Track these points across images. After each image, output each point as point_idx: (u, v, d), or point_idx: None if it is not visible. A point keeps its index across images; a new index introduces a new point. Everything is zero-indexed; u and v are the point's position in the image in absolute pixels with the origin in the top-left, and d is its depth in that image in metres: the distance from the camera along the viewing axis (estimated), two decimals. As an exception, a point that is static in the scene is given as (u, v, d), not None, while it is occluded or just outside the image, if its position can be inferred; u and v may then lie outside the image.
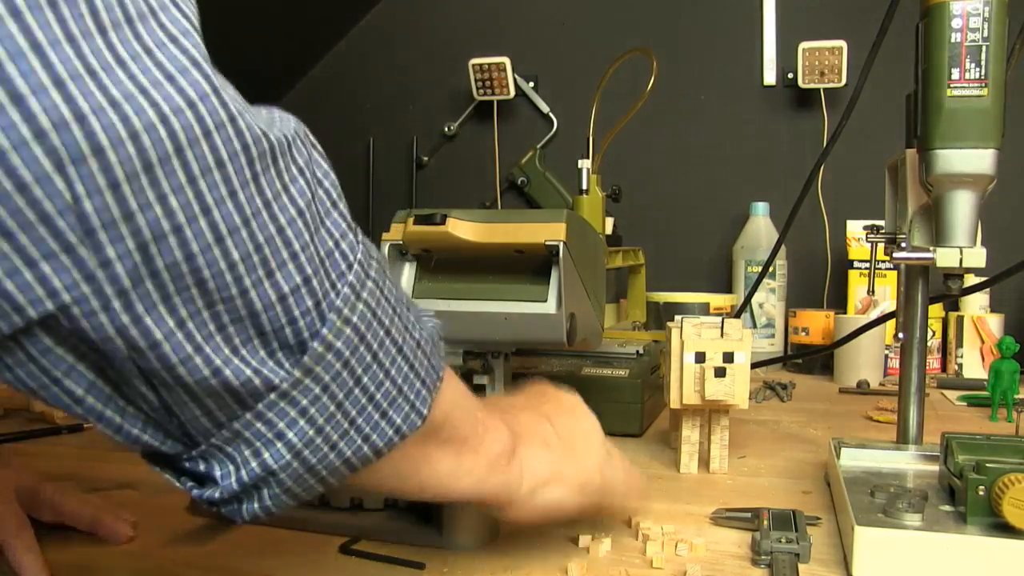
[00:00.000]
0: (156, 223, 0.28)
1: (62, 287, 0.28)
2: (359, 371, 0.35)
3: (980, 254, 0.66)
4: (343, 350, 0.35)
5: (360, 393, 0.36)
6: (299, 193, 0.34)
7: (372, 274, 0.37)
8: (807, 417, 1.05)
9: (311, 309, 0.33)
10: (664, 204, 1.69)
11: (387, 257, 0.79)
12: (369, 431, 0.36)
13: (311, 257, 0.33)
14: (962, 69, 0.63)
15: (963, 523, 0.54)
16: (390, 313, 0.37)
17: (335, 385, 0.35)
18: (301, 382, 0.34)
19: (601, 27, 1.72)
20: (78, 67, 0.26)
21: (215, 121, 0.30)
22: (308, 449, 0.35)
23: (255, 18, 1.62)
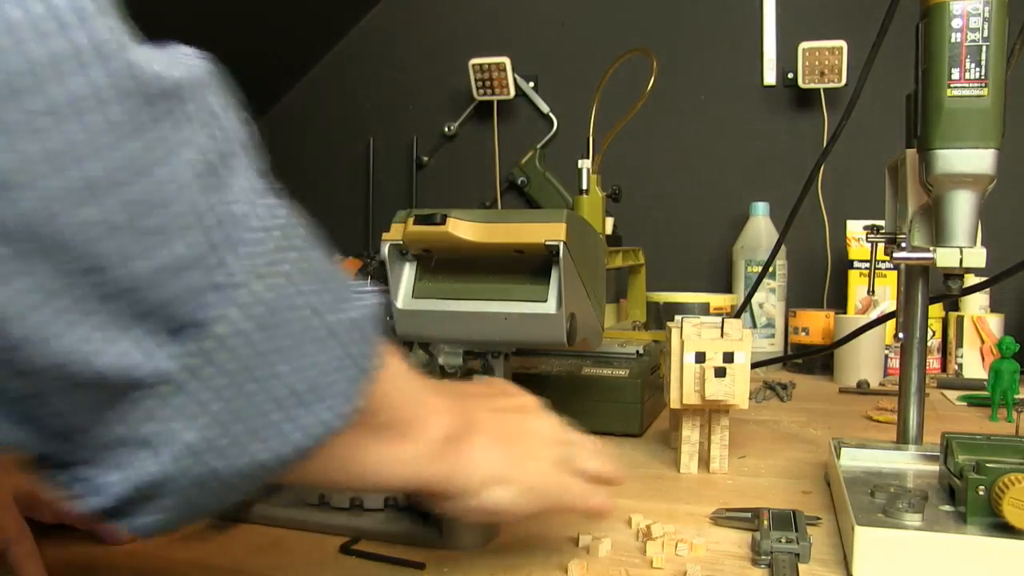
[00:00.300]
0: (5, 170, 0.23)
1: None
2: (273, 357, 0.30)
3: (980, 254, 0.66)
4: (252, 332, 0.29)
5: (276, 382, 0.30)
6: (199, 150, 0.29)
7: (298, 242, 0.32)
8: (807, 417, 1.05)
9: (208, 286, 0.28)
10: (664, 204, 1.69)
11: (388, 257, 0.79)
12: (289, 426, 0.31)
13: (210, 225, 0.28)
14: (962, 69, 0.63)
15: (963, 523, 0.54)
16: (317, 288, 0.32)
17: (243, 374, 0.29)
18: (200, 371, 0.28)
19: (601, 27, 1.72)
20: None
21: (94, 50, 0.25)
22: (211, 451, 0.29)
23: (255, 18, 1.62)
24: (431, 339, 0.81)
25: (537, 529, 0.58)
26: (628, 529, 0.63)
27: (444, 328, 0.79)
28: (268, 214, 0.32)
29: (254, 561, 0.57)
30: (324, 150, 1.94)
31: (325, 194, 1.94)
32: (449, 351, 0.81)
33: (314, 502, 0.63)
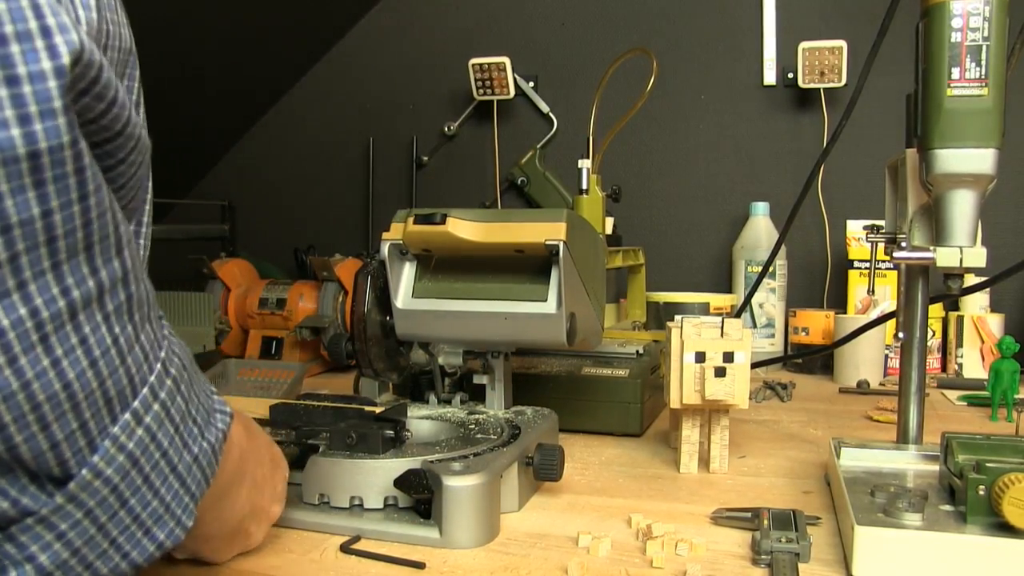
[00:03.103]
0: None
1: None
2: (127, 494, 0.35)
3: (980, 254, 0.66)
4: (113, 476, 0.34)
5: (125, 514, 0.35)
6: (98, 343, 0.33)
7: (161, 395, 0.36)
8: (807, 417, 1.05)
9: (83, 447, 0.33)
10: (664, 204, 1.69)
11: (388, 256, 0.79)
12: (129, 548, 0.36)
13: (95, 401, 0.33)
14: (962, 69, 0.63)
15: (963, 523, 0.54)
16: (171, 432, 0.37)
17: (99, 509, 0.34)
18: (62, 508, 0.33)
19: (601, 27, 1.72)
20: None
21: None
22: (59, 571, 0.34)
23: (256, 18, 1.62)
24: (431, 339, 0.82)
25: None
26: (628, 529, 0.63)
27: (444, 328, 0.79)
28: (152, 369, 0.36)
29: (254, 561, 0.57)
30: (324, 150, 1.94)
31: (325, 194, 1.94)
32: (449, 351, 0.81)
33: (314, 502, 0.63)
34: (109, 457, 0.34)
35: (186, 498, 0.38)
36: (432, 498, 0.60)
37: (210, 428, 0.41)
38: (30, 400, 0.31)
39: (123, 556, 0.36)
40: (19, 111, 0.29)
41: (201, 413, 0.40)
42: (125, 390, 0.34)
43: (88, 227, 0.32)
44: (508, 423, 0.75)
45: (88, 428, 0.33)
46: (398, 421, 0.68)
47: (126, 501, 0.35)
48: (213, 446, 0.41)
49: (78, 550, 0.34)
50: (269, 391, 1.06)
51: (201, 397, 0.41)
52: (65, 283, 0.31)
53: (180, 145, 1.86)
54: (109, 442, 0.34)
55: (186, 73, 1.63)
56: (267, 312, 1.38)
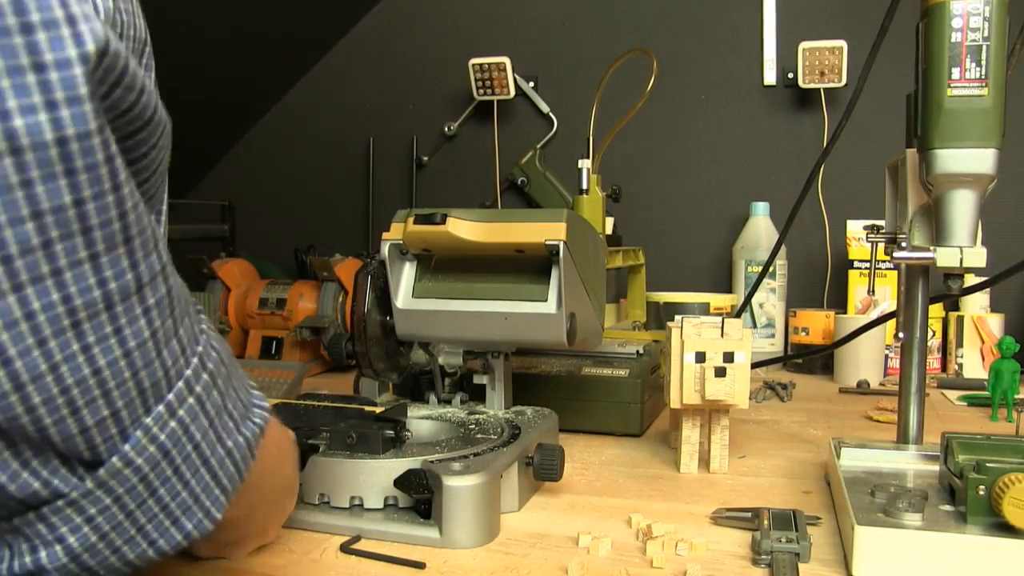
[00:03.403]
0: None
1: None
2: (156, 484, 0.36)
3: (980, 254, 0.66)
4: (143, 466, 0.35)
5: (154, 503, 0.36)
6: (134, 334, 0.33)
7: (197, 389, 0.37)
8: (807, 417, 1.05)
9: (114, 435, 0.34)
10: (664, 204, 1.69)
11: (388, 256, 0.79)
12: (157, 536, 0.37)
13: (127, 391, 0.33)
14: (962, 69, 0.63)
15: (963, 523, 0.54)
16: (205, 426, 0.37)
17: (128, 497, 0.35)
18: (92, 493, 0.34)
19: (601, 27, 1.72)
20: None
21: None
22: (88, 553, 0.35)
23: (256, 18, 1.62)
24: (431, 339, 0.82)
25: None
26: (628, 529, 0.63)
27: (444, 328, 0.79)
28: (189, 364, 0.36)
29: (254, 561, 0.57)
30: (324, 150, 1.94)
31: (325, 194, 1.94)
32: (449, 351, 0.81)
33: (314, 502, 0.63)
34: (140, 447, 0.34)
35: (216, 490, 0.39)
36: (432, 498, 0.60)
37: (247, 423, 0.41)
38: (58, 383, 0.31)
39: (150, 543, 0.36)
40: (46, 97, 0.29)
41: (239, 408, 0.40)
42: (160, 382, 0.35)
43: (124, 219, 0.32)
44: (508, 423, 0.75)
45: (120, 417, 0.33)
46: (398, 421, 0.68)
47: (155, 491, 0.36)
48: (249, 441, 0.41)
49: (106, 535, 0.35)
50: (269, 391, 1.06)
51: (240, 392, 0.41)
52: (103, 274, 0.32)
53: (180, 145, 1.86)
54: (141, 432, 0.34)
55: (186, 73, 1.63)
56: (267, 312, 1.38)
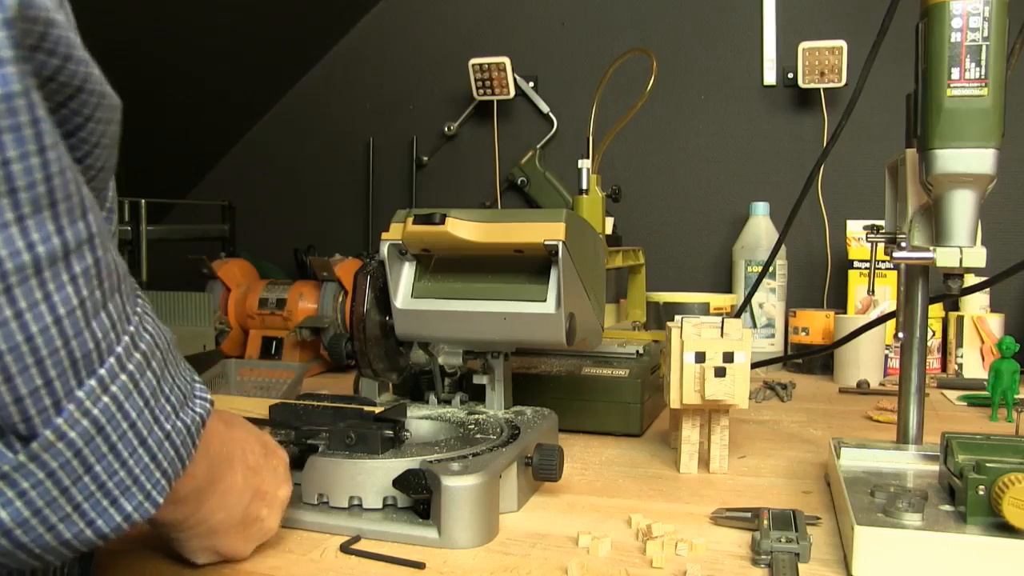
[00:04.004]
0: None
1: None
2: (91, 460, 0.36)
3: (980, 254, 0.66)
4: (76, 440, 0.35)
5: (90, 480, 0.36)
6: (63, 301, 0.34)
7: (129, 367, 0.37)
8: (807, 417, 1.05)
9: (48, 407, 0.34)
10: (664, 204, 1.69)
11: (387, 257, 0.79)
12: (95, 516, 0.37)
13: (59, 361, 0.34)
14: (962, 69, 0.63)
15: (963, 523, 0.54)
16: (140, 406, 0.38)
17: (62, 472, 0.35)
18: (24, 466, 0.34)
19: (601, 27, 1.72)
20: None
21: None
22: (20, 529, 0.35)
23: (256, 18, 1.62)
24: (431, 339, 0.82)
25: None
26: (628, 529, 0.63)
27: (444, 328, 0.79)
28: (119, 340, 0.37)
29: (254, 561, 0.57)
30: (324, 150, 1.94)
31: (325, 194, 1.94)
32: (449, 351, 0.81)
33: (313, 502, 0.63)
34: (73, 420, 0.35)
35: (157, 473, 0.39)
36: (431, 498, 0.60)
37: (186, 410, 0.41)
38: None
39: (88, 523, 0.36)
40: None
41: (176, 394, 0.41)
42: (91, 354, 0.35)
43: (49, 182, 0.33)
44: (508, 423, 0.75)
45: (53, 388, 0.34)
46: (397, 421, 0.68)
47: (90, 467, 0.36)
48: (189, 427, 0.41)
49: (39, 510, 0.35)
50: (269, 391, 1.06)
51: (179, 380, 0.41)
52: (30, 238, 0.32)
53: (180, 145, 1.86)
54: (74, 406, 0.35)
55: (186, 73, 1.63)
56: (267, 312, 1.38)
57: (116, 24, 1.39)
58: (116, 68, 1.54)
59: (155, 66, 1.55)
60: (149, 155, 1.79)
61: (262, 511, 0.55)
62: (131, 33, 1.44)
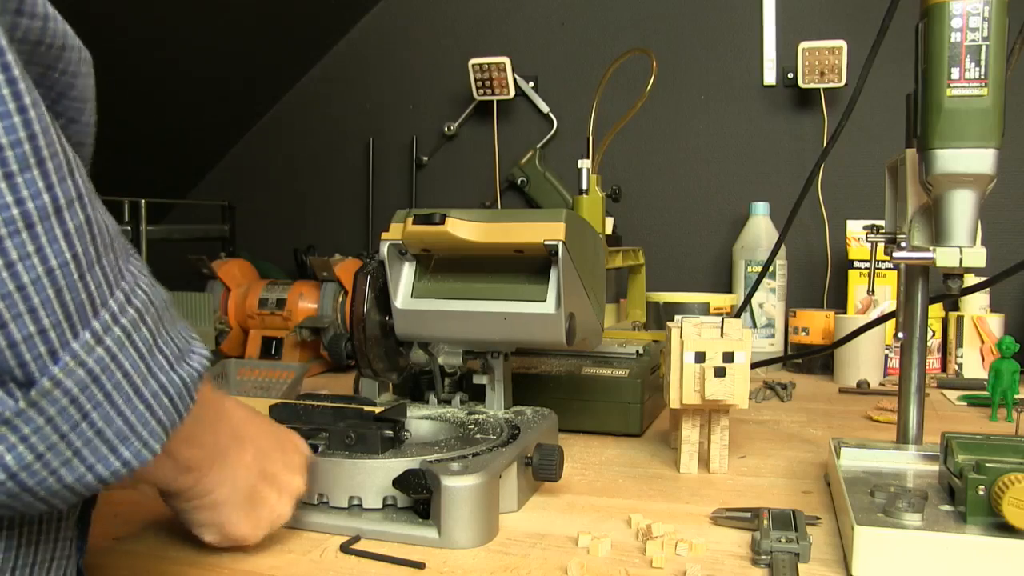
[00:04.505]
0: None
1: None
2: (88, 408, 0.37)
3: (980, 254, 0.66)
4: (72, 388, 0.36)
5: (87, 427, 0.37)
6: (55, 254, 0.35)
7: (123, 320, 0.38)
8: (807, 417, 1.05)
9: (43, 354, 0.35)
10: (664, 204, 1.69)
11: (387, 257, 0.79)
12: (94, 461, 0.38)
13: (53, 310, 0.35)
14: (962, 69, 0.63)
15: (963, 523, 0.54)
16: (135, 357, 0.39)
17: (60, 418, 0.36)
18: (24, 412, 0.35)
19: (601, 27, 1.72)
20: None
21: None
22: (24, 472, 0.36)
23: (256, 18, 1.62)
24: (431, 339, 0.82)
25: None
26: (628, 529, 0.63)
27: (443, 328, 0.79)
28: (113, 293, 0.38)
29: (254, 561, 0.57)
30: (324, 150, 1.94)
31: (325, 194, 1.94)
32: (449, 351, 0.81)
33: (313, 502, 0.63)
34: (69, 369, 0.36)
35: (152, 422, 0.40)
36: (431, 498, 0.60)
37: (182, 364, 0.42)
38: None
39: (88, 468, 0.38)
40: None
41: (171, 349, 0.42)
42: (85, 306, 0.36)
43: (34, 140, 0.34)
44: (508, 423, 0.75)
45: (48, 337, 0.35)
46: (397, 421, 0.68)
47: (87, 414, 0.37)
48: (185, 381, 0.42)
49: (42, 455, 0.36)
50: (269, 391, 1.06)
51: (175, 337, 0.43)
52: (20, 194, 0.34)
53: (180, 145, 1.86)
54: (69, 356, 0.36)
55: (187, 73, 1.63)
56: (267, 312, 1.38)
57: (116, 25, 1.39)
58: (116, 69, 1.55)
59: (155, 66, 1.55)
60: (149, 155, 1.80)
61: (270, 494, 0.56)
62: (131, 34, 1.44)
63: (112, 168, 1.83)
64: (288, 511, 0.58)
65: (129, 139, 1.71)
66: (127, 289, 0.39)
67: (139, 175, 1.79)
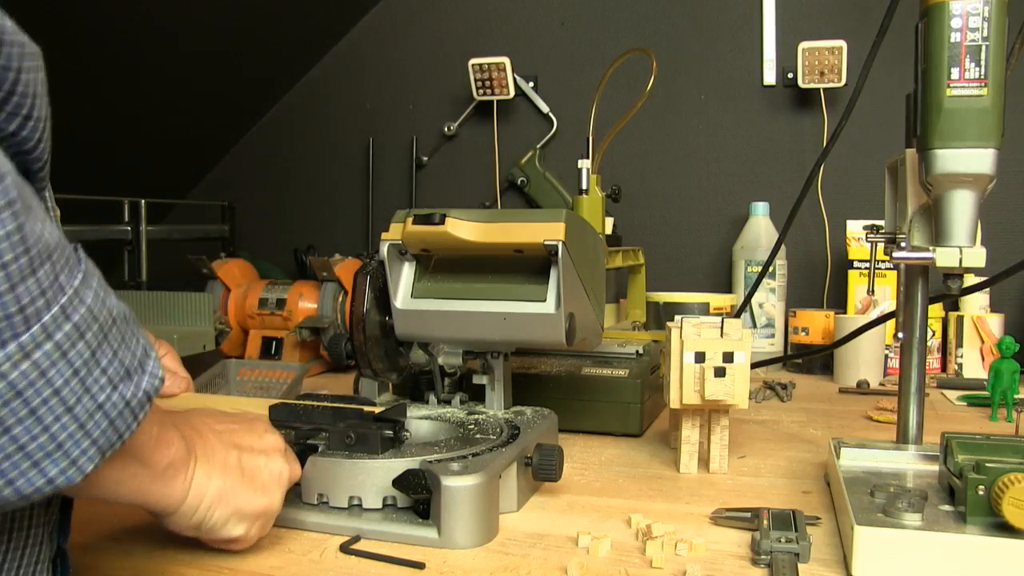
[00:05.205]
0: None
1: None
2: (10, 422, 0.36)
3: (980, 254, 0.66)
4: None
5: (7, 442, 0.36)
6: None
7: (57, 336, 0.37)
8: (807, 417, 1.05)
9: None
10: (664, 204, 1.69)
11: (387, 257, 0.79)
12: (16, 476, 0.37)
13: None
14: (962, 69, 0.63)
15: (963, 523, 0.54)
16: (67, 375, 0.38)
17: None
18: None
19: (601, 27, 1.72)
20: None
21: None
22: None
23: (256, 17, 1.62)
24: (430, 339, 0.81)
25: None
26: (628, 529, 0.63)
27: (443, 328, 0.79)
28: (46, 310, 0.37)
29: (254, 561, 0.57)
30: (324, 150, 1.94)
31: (325, 194, 1.94)
32: (449, 351, 0.81)
33: (313, 502, 0.63)
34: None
35: (85, 443, 0.39)
36: (431, 498, 0.60)
37: (126, 384, 0.41)
38: None
39: (8, 482, 0.37)
40: None
41: (115, 368, 0.41)
42: (14, 318, 0.36)
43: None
44: (507, 423, 0.75)
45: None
46: (397, 421, 0.68)
47: (8, 429, 0.36)
48: (128, 402, 0.41)
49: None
50: (269, 391, 1.06)
51: (122, 355, 0.41)
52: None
53: (180, 145, 1.86)
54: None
55: (186, 74, 1.63)
56: (267, 312, 1.38)
57: (116, 25, 1.39)
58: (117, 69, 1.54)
59: (156, 66, 1.55)
60: (149, 155, 1.80)
61: (258, 460, 0.56)
62: (131, 34, 1.44)
63: (112, 168, 1.84)
64: (284, 466, 0.58)
65: (129, 139, 1.71)
66: (65, 303, 0.38)
67: (139, 175, 1.79)
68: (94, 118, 1.57)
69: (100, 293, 0.40)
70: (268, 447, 0.58)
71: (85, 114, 1.53)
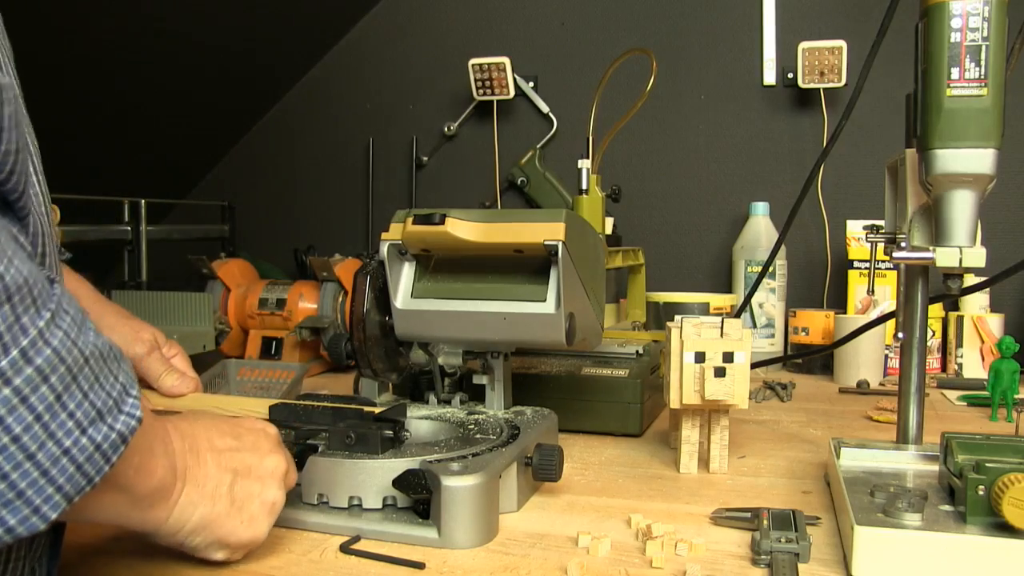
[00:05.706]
0: None
1: None
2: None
3: (980, 254, 0.66)
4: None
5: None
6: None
7: (16, 382, 0.36)
8: (807, 417, 1.05)
9: None
10: (664, 204, 1.69)
11: (387, 257, 0.79)
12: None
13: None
14: (962, 69, 0.63)
15: (963, 523, 0.54)
16: (28, 420, 0.37)
17: None
18: None
19: (601, 27, 1.72)
20: None
21: None
22: None
23: (255, 18, 1.62)
24: (430, 339, 0.81)
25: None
26: (628, 529, 0.63)
27: (443, 328, 0.79)
28: (13, 364, 0.36)
29: (254, 561, 0.57)
30: (324, 150, 1.94)
31: (325, 194, 1.94)
32: (449, 351, 0.81)
33: (313, 502, 0.63)
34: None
35: (49, 489, 0.38)
36: (431, 498, 0.60)
37: (98, 426, 0.40)
38: None
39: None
40: None
41: (84, 410, 0.39)
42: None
43: None
44: (507, 423, 0.75)
45: None
46: (397, 421, 0.68)
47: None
48: (99, 445, 0.40)
49: None
50: (269, 391, 1.06)
51: (94, 396, 0.40)
52: None
53: (180, 145, 1.86)
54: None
55: (186, 74, 1.63)
56: (267, 312, 1.38)
57: (115, 25, 1.39)
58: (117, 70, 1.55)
59: (156, 67, 1.55)
60: (149, 155, 1.80)
61: (252, 487, 0.55)
62: (131, 34, 1.44)
63: (112, 168, 1.84)
64: (279, 494, 0.57)
65: (129, 139, 1.71)
66: (27, 346, 0.36)
67: (139, 175, 1.79)
68: (94, 118, 1.57)
69: (71, 332, 0.39)
70: (266, 473, 0.56)
71: (85, 114, 1.53)
